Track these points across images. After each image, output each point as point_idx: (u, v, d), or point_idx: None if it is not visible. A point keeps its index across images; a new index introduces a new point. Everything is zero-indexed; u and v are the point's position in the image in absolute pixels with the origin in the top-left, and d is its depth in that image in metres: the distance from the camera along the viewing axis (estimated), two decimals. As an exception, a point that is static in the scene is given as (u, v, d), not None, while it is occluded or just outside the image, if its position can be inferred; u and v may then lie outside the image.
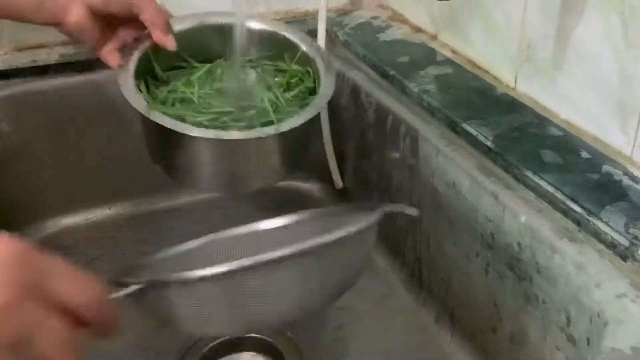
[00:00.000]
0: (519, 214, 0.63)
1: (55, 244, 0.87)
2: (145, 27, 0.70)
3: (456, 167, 0.70)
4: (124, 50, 0.71)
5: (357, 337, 0.75)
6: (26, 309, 0.33)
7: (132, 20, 0.69)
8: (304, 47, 0.75)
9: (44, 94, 0.86)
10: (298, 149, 0.70)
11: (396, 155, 0.80)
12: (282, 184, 0.90)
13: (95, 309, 0.36)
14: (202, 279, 0.47)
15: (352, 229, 0.51)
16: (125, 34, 0.71)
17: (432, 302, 0.78)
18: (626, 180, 0.63)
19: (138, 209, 0.93)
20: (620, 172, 0.64)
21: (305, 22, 0.97)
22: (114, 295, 0.43)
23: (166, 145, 0.67)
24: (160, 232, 0.88)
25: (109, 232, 0.89)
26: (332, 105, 0.91)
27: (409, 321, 0.78)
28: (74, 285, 0.36)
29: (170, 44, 0.70)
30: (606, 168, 0.65)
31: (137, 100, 0.65)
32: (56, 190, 0.88)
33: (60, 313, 0.35)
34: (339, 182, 0.93)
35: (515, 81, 0.78)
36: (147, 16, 0.68)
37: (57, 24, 0.67)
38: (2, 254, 0.34)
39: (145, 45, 0.71)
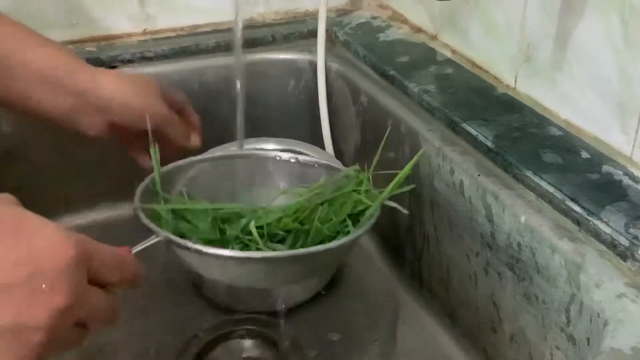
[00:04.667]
0: (519, 214, 0.62)
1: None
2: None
3: (456, 167, 0.70)
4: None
5: (356, 337, 0.75)
6: (83, 303, 0.40)
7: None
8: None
9: (44, 94, 0.86)
10: None
11: (396, 155, 0.80)
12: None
13: (130, 280, 0.46)
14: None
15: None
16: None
17: (432, 302, 0.78)
18: (626, 180, 0.63)
19: (138, 209, 0.93)
20: (620, 172, 0.64)
21: (305, 22, 0.98)
22: (136, 249, 0.52)
23: None
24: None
25: (109, 232, 0.88)
26: (332, 105, 0.91)
27: (408, 321, 0.78)
28: (116, 268, 0.45)
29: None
30: (606, 168, 0.65)
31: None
32: (56, 190, 0.88)
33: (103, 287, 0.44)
34: (339, 182, 0.93)
35: (515, 81, 0.78)
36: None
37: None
38: (60, 258, 0.40)
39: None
